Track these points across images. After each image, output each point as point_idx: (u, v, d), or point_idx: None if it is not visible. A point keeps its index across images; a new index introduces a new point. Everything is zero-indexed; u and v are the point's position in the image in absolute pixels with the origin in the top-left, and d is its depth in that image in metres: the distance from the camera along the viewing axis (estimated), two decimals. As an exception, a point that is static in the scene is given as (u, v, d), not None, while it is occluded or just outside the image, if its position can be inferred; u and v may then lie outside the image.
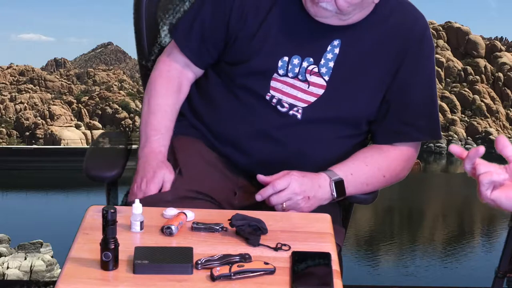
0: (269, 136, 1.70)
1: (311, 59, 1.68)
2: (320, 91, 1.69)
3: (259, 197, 1.59)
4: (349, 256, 25.64)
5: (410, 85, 1.71)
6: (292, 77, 1.69)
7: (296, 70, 1.68)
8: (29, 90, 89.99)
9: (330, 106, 1.69)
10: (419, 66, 1.72)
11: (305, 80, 1.69)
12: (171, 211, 1.43)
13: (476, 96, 78.26)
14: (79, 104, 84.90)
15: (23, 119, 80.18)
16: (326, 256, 1.27)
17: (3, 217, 31.19)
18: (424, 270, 25.45)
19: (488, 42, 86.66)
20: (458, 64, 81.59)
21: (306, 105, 1.69)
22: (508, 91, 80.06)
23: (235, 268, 1.19)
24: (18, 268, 22.90)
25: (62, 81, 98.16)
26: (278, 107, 1.70)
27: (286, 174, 1.61)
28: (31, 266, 23.19)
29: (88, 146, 2.14)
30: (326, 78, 1.68)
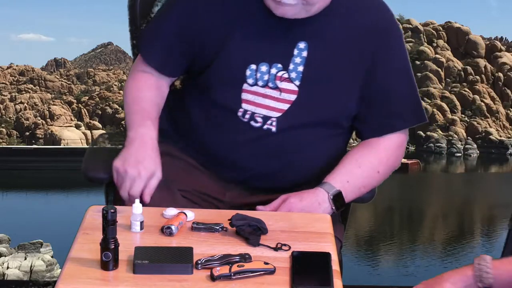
0: (249, 152, 1.68)
1: (279, 65, 1.64)
2: (293, 97, 1.65)
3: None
4: (349, 256, 25.63)
5: (387, 77, 1.69)
6: (262, 86, 1.65)
7: (266, 77, 1.65)
8: (29, 90, 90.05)
9: (304, 111, 1.66)
10: (392, 56, 1.70)
11: (276, 87, 1.65)
12: (171, 211, 1.43)
13: (476, 96, 78.26)
14: (79, 104, 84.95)
15: (23, 119, 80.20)
16: (326, 256, 1.27)
17: (3, 217, 31.19)
18: (424, 270, 25.42)
19: (488, 42, 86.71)
20: (458, 64, 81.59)
21: (279, 114, 1.65)
22: (508, 91, 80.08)
23: (235, 268, 1.20)
24: (18, 268, 22.90)
25: (62, 81, 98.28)
26: (252, 122, 1.66)
27: (282, 202, 1.59)
28: (31, 266, 23.18)
29: (88, 146, 2.13)
30: (297, 83, 1.64)
